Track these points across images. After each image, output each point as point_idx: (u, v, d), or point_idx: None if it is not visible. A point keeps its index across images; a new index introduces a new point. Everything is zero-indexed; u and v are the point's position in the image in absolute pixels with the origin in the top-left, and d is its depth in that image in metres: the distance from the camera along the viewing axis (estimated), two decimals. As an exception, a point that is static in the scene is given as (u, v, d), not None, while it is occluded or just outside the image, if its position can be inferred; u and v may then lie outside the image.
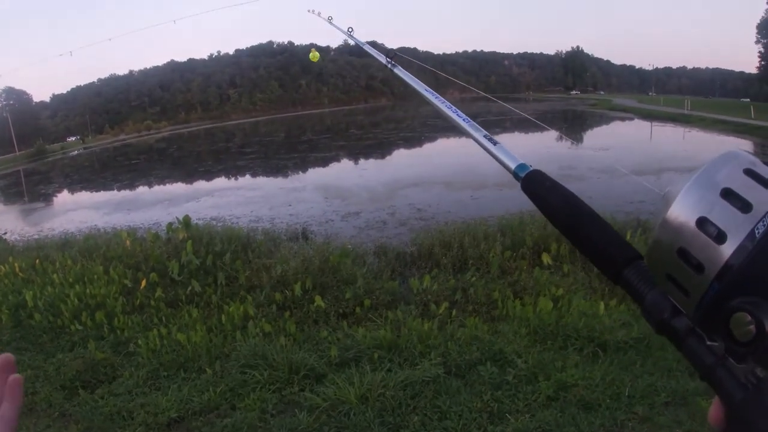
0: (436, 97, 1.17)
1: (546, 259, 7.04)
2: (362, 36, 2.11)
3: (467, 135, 1.00)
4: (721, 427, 0.55)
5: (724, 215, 0.51)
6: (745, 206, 0.51)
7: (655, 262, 0.57)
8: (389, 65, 1.49)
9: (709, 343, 0.54)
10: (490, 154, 0.92)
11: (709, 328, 0.54)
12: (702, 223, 0.52)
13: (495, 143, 0.93)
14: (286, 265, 7.29)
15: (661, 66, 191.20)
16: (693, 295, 0.53)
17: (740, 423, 0.52)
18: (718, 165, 0.54)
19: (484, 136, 0.96)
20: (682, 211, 0.53)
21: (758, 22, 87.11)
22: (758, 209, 0.50)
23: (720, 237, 0.50)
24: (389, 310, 6.01)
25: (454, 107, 1.09)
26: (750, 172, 0.52)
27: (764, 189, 0.51)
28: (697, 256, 0.52)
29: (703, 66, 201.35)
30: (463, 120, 1.03)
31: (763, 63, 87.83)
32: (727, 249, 0.50)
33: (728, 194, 0.52)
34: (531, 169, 0.83)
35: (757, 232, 0.49)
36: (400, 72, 1.43)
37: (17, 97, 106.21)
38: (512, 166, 0.85)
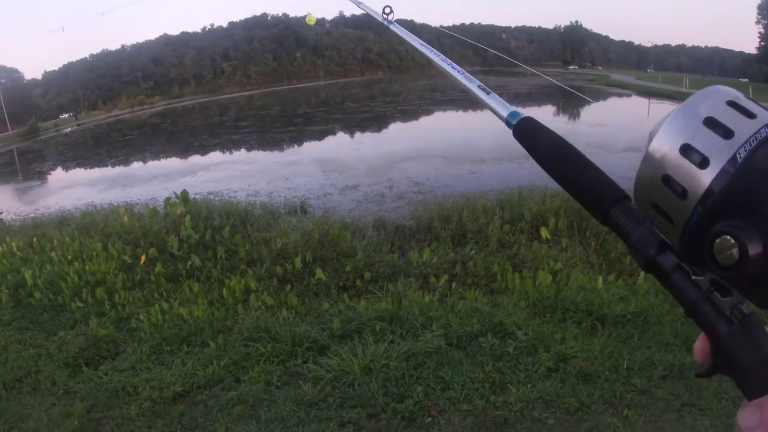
0: (431, 51, 1.16)
1: (544, 233, 7.06)
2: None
3: (461, 86, 1.01)
4: (707, 363, 0.58)
5: (706, 141, 0.53)
6: (727, 133, 0.52)
7: (640, 193, 0.58)
8: (385, 22, 1.42)
9: (694, 277, 0.56)
10: (482, 104, 0.93)
11: (694, 257, 0.55)
12: (685, 149, 0.53)
13: (488, 92, 0.93)
14: (286, 238, 7.29)
15: (660, 43, 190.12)
16: (677, 222, 0.55)
17: (726, 357, 0.54)
18: (701, 97, 0.56)
19: (478, 86, 0.96)
20: (667, 140, 0.55)
21: (759, 2, 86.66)
22: (740, 136, 0.52)
23: (703, 162, 0.52)
24: (389, 282, 6.03)
25: (448, 60, 1.09)
26: (732, 104, 0.54)
27: (746, 118, 0.53)
28: (681, 182, 0.53)
29: (702, 45, 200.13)
30: (458, 72, 1.03)
31: (762, 43, 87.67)
32: (710, 173, 0.51)
33: (711, 123, 0.53)
34: (522, 116, 0.83)
35: (738, 156, 0.51)
36: (396, 29, 1.36)
37: (8, 75, 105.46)
38: (504, 114, 0.86)
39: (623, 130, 24.41)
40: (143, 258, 7.07)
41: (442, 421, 3.64)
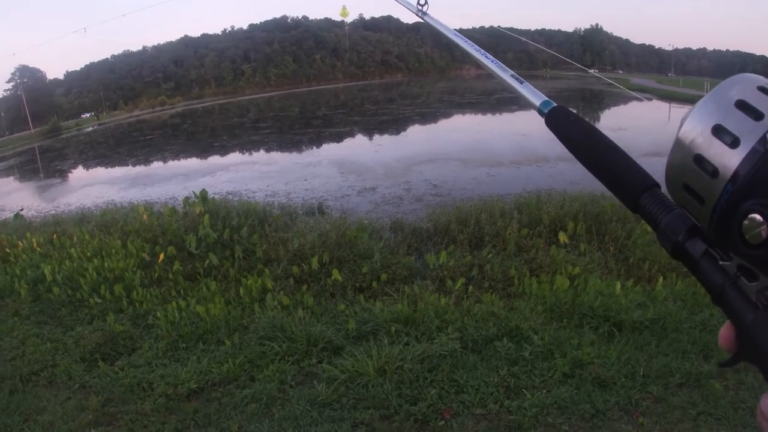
0: (466, 42, 1.18)
1: (563, 237, 7.01)
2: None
3: (495, 75, 1.03)
4: (732, 350, 0.57)
5: (737, 122, 0.54)
6: (757, 115, 0.53)
7: (672, 175, 0.59)
8: (419, 14, 1.45)
9: (722, 263, 0.56)
10: (516, 93, 0.95)
11: (724, 238, 0.55)
12: (717, 130, 0.55)
13: (521, 82, 0.95)
14: (303, 239, 7.32)
15: (681, 47, 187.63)
16: (708, 202, 0.55)
17: (750, 343, 0.54)
18: (732, 82, 0.57)
19: (511, 76, 0.98)
20: (699, 121, 0.56)
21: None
22: None
23: (734, 142, 0.53)
24: (406, 284, 6.03)
25: (483, 50, 1.11)
26: (763, 89, 0.55)
27: None
28: (712, 161, 0.54)
29: (724, 48, 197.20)
30: (492, 62, 1.06)
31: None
32: (740, 153, 0.52)
33: (742, 105, 0.54)
34: (555, 105, 0.85)
35: None
36: (431, 20, 1.39)
37: (31, 75, 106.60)
38: (537, 102, 0.88)
39: (644, 135, 24.16)
40: (161, 256, 7.13)
41: (455, 424, 3.63)
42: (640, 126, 28.49)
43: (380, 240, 7.73)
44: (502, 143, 22.79)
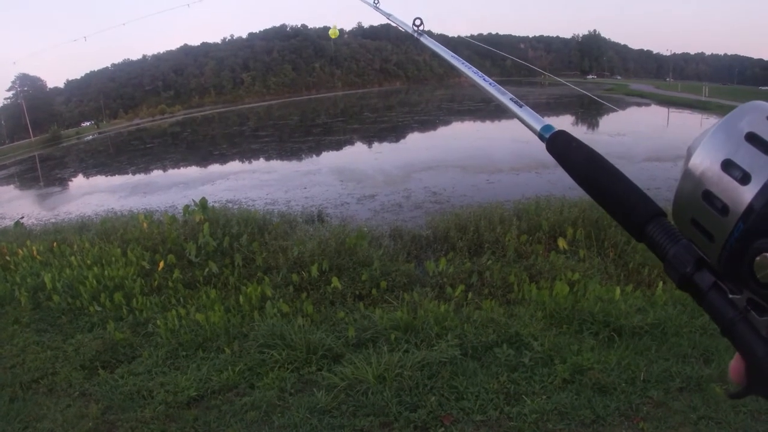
0: (463, 64, 1.17)
1: (562, 243, 7.00)
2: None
3: (494, 98, 1.01)
4: (742, 383, 0.55)
5: (748, 157, 0.51)
6: None
7: (680, 209, 0.57)
8: (415, 34, 1.44)
9: (731, 296, 0.54)
10: (515, 116, 0.93)
11: (733, 275, 0.54)
12: (727, 165, 0.52)
13: (521, 105, 0.94)
14: (303, 247, 7.33)
15: (679, 51, 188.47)
16: (718, 239, 0.53)
17: (762, 379, 0.52)
18: (741, 113, 0.54)
19: (510, 99, 0.97)
20: (708, 155, 0.54)
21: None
22: None
23: (744, 178, 0.51)
24: (405, 292, 6.03)
25: (480, 72, 1.10)
26: None
27: None
28: (722, 198, 0.52)
29: (721, 52, 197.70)
30: (490, 84, 1.04)
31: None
32: (752, 189, 0.50)
33: (752, 138, 0.52)
34: (556, 130, 0.83)
35: None
36: (426, 41, 1.39)
37: (31, 83, 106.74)
38: (537, 127, 0.86)
39: (643, 140, 24.19)
40: (161, 264, 7.13)
41: (455, 431, 3.62)
42: (639, 132, 28.49)
43: (380, 247, 7.74)
44: (501, 150, 22.80)
